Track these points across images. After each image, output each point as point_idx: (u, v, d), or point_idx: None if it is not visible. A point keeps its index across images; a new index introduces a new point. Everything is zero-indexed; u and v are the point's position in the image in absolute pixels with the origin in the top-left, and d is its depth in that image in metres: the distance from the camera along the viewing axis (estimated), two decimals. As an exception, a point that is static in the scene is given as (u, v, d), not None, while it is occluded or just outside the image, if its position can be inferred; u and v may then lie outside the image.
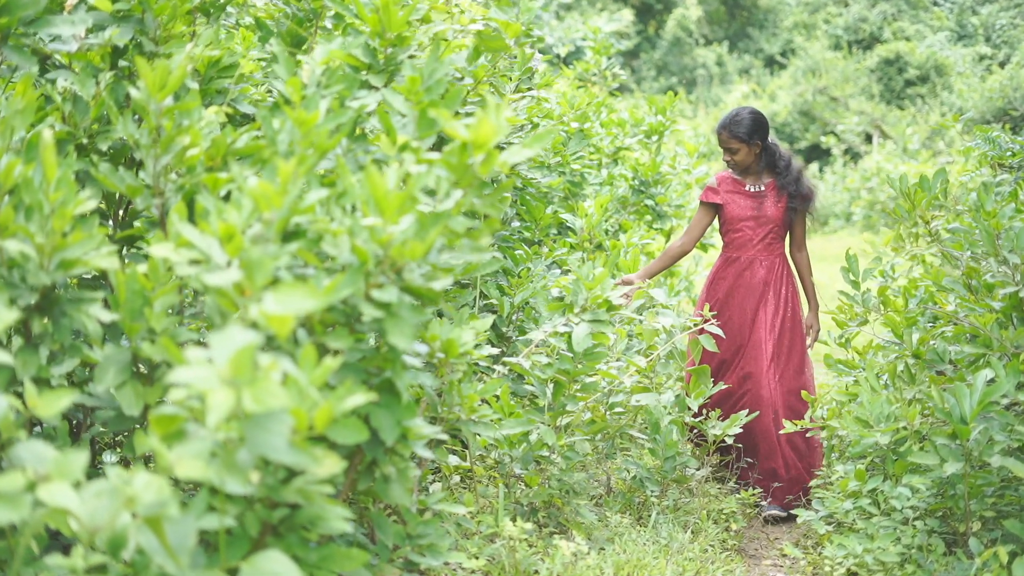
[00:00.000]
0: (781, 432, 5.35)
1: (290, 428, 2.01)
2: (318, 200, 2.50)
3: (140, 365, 2.63)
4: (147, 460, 3.42)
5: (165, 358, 2.32)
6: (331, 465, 2.36)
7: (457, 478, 4.52)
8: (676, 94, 8.95)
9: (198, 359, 1.95)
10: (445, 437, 3.20)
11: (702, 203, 5.84)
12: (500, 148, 4.87)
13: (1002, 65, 28.53)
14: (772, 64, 35.07)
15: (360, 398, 2.24)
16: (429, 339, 3.43)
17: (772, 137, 5.82)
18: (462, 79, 4.16)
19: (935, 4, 34.01)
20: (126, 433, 3.28)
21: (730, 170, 5.81)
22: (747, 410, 5.27)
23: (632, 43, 32.01)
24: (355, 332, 2.73)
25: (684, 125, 16.65)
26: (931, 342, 4.53)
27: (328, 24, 4.19)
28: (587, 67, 10.43)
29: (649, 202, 7.95)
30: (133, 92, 2.61)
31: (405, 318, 2.61)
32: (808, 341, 5.73)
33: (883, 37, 32.27)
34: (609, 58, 10.69)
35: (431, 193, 2.89)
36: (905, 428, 4.01)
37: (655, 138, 8.63)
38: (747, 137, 5.64)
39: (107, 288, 2.89)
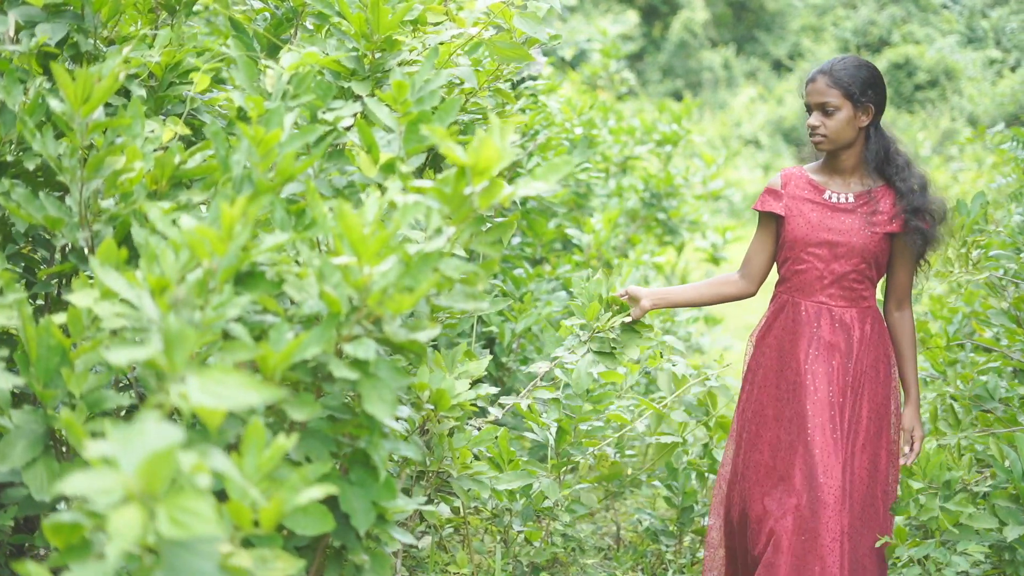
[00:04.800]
0: None
1: (220, 551, 1.54)
2: (277, 245, 2.03)
3: (61, 437, 2.17)
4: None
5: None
6: (284, 568, 1.91)
7: (450, 528, 4.06)
8: (691, 101, 8.45)
9: (104, 453, 1.49)
10: (432, 508, 2.74)
11: (760, 215, 3.69)
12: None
13: (1013, 69, 28.10)
14: (779, 67, 34.55)
15: (318, 491, 1.78)
16: (417, 387, 2.98)
17: (889, 129, 3.64)
18: (462, 83, 3.69)
19: (944, 7, 33.54)
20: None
21: (803, 166, 3.69)
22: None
23: (637, 46, 31.52)
24: (323, 392, 2.28)
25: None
26: (980, 377, 4.07)
27: (309, 26, 3.72)
28: (595, 70, 9.95)
29: (661, 215, 7.48)
30: (54, 104, 2.14)
31: (385, 380, 2.14)
32: (904, 455, 3.54)
33: (892, 40, 31.79)
34: (618, 60, 10.22)
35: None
36: (966, 491, 3.54)
37: (668, 147, 8.15)
38: (857, 91, 3.48)
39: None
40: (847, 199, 3.53)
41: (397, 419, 3.10)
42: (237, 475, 1.64)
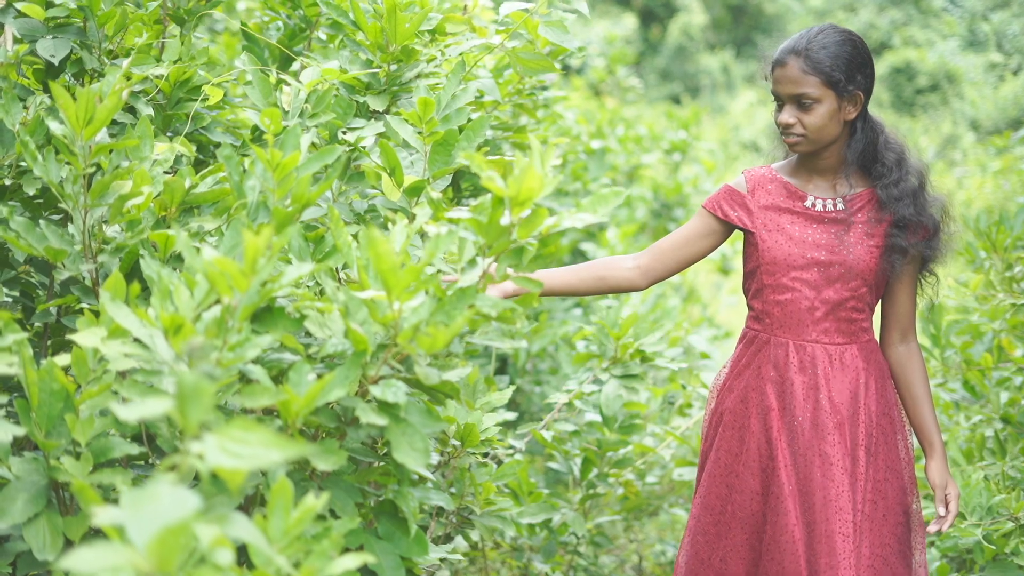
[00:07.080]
0: None
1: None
2: (298, 278, 1.86)
3: (65, 487, 1.99)
4: None
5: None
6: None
7: (465, 560, 3.88)
8: (699, 107, 8.29)
9: (114, 520, 1.31)
10: (459, 557, 2.57)
11: (704, 212, 2.88)
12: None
13: (1015, 73, 27.97)
14: (778, 71, 34.41)
15: (352, 561, 1.61)
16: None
17: (877, 114, 2.85)
18: (482, 96, 3.52)
19: (945, 11, 33.42)
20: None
21: (771, 165, 2.91)
22: None
23: (635, 50, 31.38)
24: (348, 436, 2.11)
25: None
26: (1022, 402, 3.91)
27: (323, 36, 3.54)
28: (601, 76, 9.78)
29: (672, 225, 7.32)
30: (53, 126, 1.97)
31: (416, 426, 1.97)
32: (937, 520, 2.81)
33: (892, 44, 31.65)
34: (625, 66, 10.04)
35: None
36: (1014, 521, 3.37)
37: (676, 155, 7.99)
38: (843, 76, 2.68)
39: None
40: (836, 205, 2.79)
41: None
42: (263, 543, 1.47)
